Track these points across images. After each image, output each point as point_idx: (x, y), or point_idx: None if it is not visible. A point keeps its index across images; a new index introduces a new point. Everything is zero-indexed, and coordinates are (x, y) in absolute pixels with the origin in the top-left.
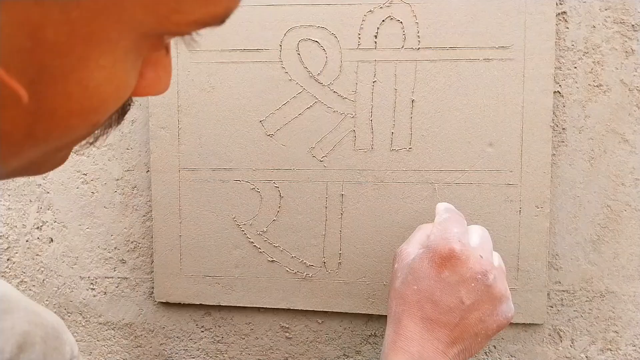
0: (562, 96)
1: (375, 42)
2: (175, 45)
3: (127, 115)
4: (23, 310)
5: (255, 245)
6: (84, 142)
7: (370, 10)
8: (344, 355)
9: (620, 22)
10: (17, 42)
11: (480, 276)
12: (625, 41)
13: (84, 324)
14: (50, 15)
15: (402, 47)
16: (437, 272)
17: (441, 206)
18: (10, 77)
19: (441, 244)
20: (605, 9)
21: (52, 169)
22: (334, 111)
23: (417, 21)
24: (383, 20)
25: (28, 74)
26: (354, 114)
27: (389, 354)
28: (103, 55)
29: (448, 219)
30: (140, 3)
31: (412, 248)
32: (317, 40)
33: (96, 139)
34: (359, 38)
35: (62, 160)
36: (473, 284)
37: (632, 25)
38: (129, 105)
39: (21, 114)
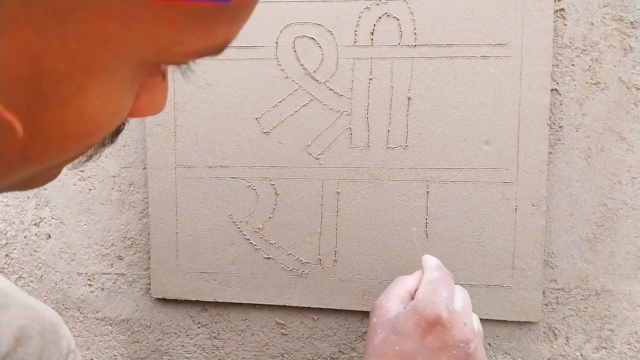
0: (560, 94)
1: (372, 39)
2: None
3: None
4: (20, 305)
5: (251, 242)
6: (76, 160)
7: (367, 7)
8: (339, 351)
9: (619, 19)
10: (16, 71)
11: (462, 344)
12: (624, 38)
13: (81, 319)
14: (51, 46)
15: (399, 44)
16: (421, 336)
17: (432, 262)
18: (7, 106)
19: (429, 308)
20: (604, 6)
21: (44, 185)
22: (330, 108)
23: (413, 18)
24: (379, 17)
25: (25, 100)
26: (350, 111)
27: None
28: (100, 83)
29: (438, 279)
30: (140, 36)
31: (392, 303)
32: (313, 37)
33: (90, 157)
34: (355, 35)
35: (54, 176)
36: (454, 351)
37: (631, 23)
38: (124, 125)
39: (16, 138)
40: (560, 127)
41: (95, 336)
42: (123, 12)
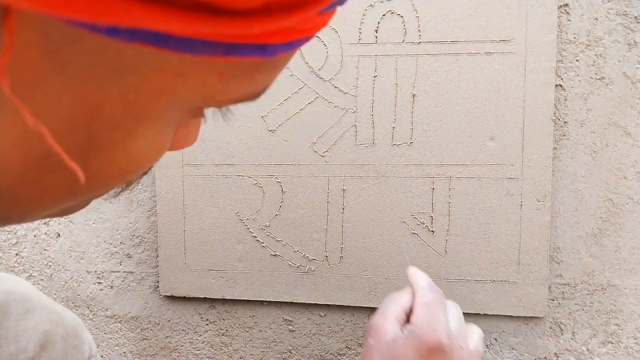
0: (564, 89)
1: (376, 37)
2: None
3: None
4: (44, 310)
5: (258, 240)
6: (112, 192)
7: (371, 5)
8: (347, 347)
9: (623, 14)
10: (76, 119)
11: None
12: (628, 33)
13: (91, 317)
14: (110, 97)
15: (403, 41)
16: None
17: (422, 281)
18: (66, 151)
19: (428, 334)
20: (608, 1)
21: (78, 211)
22: (335, 106)
23: (417, 15)
24: (384, 15)
25: (79, 145)
26: (355, 108)
27: None
28: (149, 128)
29: (433, 302)
30: (191, 87)
31: (390, 325)
32: (317, 35)
33: (124, 189)
34: (360, 33)
35: (88, 202)
36: None
37: (635, 17)
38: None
39: (67, 177)
40: (565, 122)
41: (105, 333)
42: (179, 67)
